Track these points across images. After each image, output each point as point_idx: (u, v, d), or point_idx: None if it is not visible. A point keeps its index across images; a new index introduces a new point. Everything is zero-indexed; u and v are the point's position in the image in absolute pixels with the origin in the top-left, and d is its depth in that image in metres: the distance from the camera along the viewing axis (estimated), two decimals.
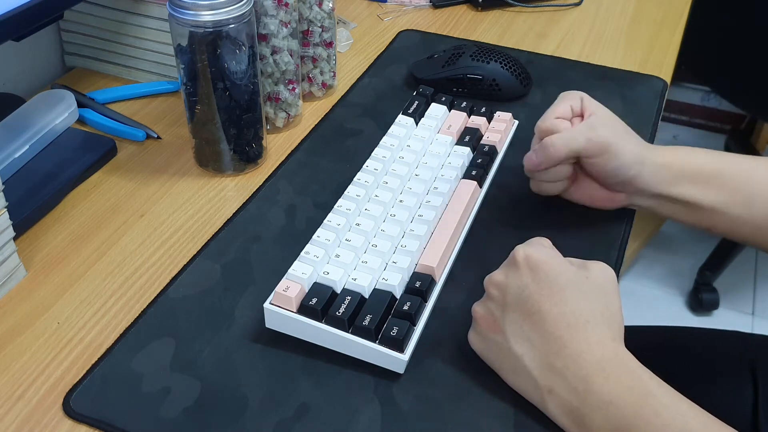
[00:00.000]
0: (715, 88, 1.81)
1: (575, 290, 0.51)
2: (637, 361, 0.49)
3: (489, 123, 0.77)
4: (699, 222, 0.65)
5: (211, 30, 0.66)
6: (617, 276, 0.57)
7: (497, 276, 0.53)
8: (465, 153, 0.72)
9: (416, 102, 0.78)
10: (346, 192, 0.66)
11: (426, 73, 0.87)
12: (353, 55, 0.96)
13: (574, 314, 0.50)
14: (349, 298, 0.56)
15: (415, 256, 0.60)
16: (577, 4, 1.08)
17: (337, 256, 0.59)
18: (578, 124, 0.65)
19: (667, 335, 0.86)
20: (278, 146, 0.79)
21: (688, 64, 1.52)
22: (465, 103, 0.79)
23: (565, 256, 0.54)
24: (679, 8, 1.08)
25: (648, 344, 0.76)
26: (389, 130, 0.74)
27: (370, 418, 0.53)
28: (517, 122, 0.80)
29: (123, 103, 0.85)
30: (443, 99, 0.79)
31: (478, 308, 0.54)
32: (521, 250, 0.53)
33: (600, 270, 0.53)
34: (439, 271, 0.60)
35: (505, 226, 0.69)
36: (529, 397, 0.52)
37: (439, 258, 0.60)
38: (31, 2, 0.66)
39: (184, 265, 0.65)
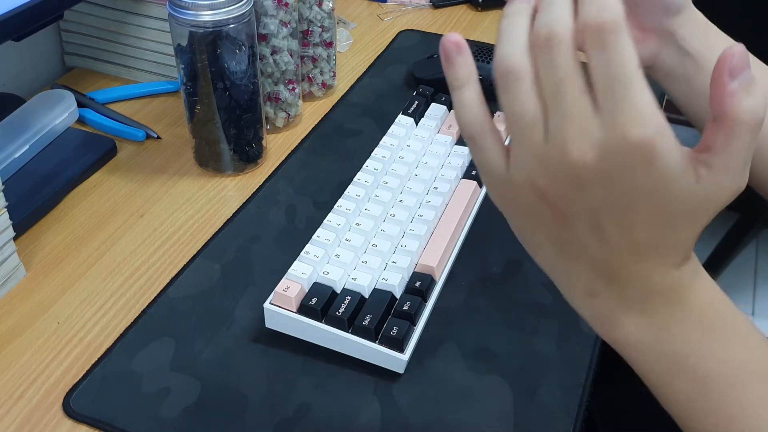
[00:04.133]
0: None
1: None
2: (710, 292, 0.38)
3: None
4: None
5: (211, 30, 0.66)
6: None
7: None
8: (465, 153, 0.72)
9: (416, 102, 0.78)
10: (346, 192, 0.66)
11: (426, 73, 0.87)
12: (353, 55, 0.96)
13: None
14: (349, 298, 0.56)
15: (415, 256, 0.60)
16: None
17: (337, 256, 0.59)
18: None
19: None
20: (278, 146, 0.79)
21: None
22: None
23: None
24: None
25: None
26: (389, 130, 0.74)
27: (370, 418, 0.53)
28: None
29: (123, 103, 0.85)
30: (443, 99, 0.79)
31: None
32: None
33: None
34: (439, 271, 0.60)
35: (505, 226, 0.69)
36: (551, 274, 0.40)
37: (439, 258, 0.60)
38: (31, 2, 0.66)
39: (184, 265, 0.65)
